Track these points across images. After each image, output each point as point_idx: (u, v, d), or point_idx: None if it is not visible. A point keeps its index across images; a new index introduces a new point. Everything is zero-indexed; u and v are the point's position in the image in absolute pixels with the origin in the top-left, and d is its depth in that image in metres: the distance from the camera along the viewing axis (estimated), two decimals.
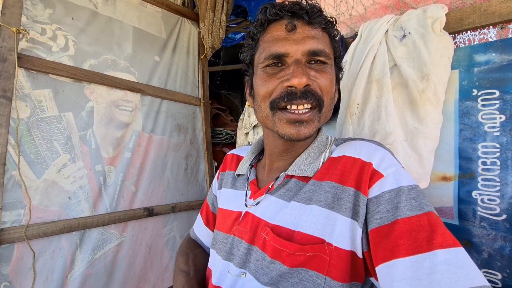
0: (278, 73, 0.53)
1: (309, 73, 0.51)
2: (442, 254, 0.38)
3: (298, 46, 0.51)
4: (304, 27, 0.53)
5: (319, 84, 0.52)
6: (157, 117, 1.51)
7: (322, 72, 0.53)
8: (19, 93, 1.05)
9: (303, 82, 0.49)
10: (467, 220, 0.64)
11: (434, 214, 0.42)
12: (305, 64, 0.52)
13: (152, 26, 1.54)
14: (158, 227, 1.46)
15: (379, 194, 0.45)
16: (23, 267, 1.01)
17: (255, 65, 0.58)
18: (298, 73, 0.49)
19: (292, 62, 0.52)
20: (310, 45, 0.51)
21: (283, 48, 0.52)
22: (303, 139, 0.53)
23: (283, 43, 0.52)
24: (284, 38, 0.52)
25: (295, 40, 0.52)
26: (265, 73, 0.54)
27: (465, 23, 0.68)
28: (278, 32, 0.53)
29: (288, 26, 0.52)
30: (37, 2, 1.13)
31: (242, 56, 0.63)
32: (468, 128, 0.65)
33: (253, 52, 0.59)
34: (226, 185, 0.72)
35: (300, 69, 0.50)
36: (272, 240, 0.51)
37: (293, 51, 0.51)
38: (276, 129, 0.54)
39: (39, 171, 1.08)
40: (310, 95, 0.51)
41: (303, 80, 0.49)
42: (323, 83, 0.52)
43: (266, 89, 0.54)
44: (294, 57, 0.52)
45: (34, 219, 1.05)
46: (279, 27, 0.54)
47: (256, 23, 0.57)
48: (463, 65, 0.66)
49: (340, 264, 0.46)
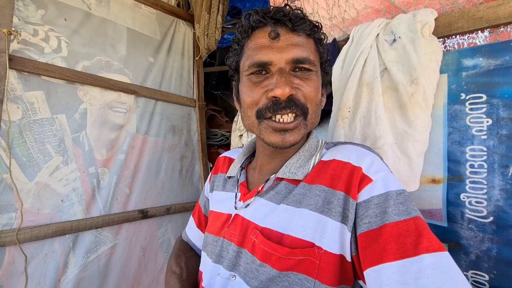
0: (263, 81, 0.53)
1: (293, 82, 0.52)
2: (428, 258, 0.38)
3: (282, 55, 0.51)
4: (288, 35, 0.53)
5: (303, 92, 0.52)
6: (151, 118, 1.51)
7: (307, 79, 0.53)
8: (10, 95, 1.04)
9: (286, 92, 0.49)
10: (456, 222, 0.65)
11: (421, 219, 0.43)
12: (289, 72, 0.52)
13: (146, 27, 1.53)
14: (153, 229, 1.46)
15: (368, 199, 0.46)
16: (15, 271, 1.00)
17: (240, 71, 0.58)
18: (281, 84, 0.49)
19: (276, 70, 0.52)
20: (294, 53, 0.51)
21: (266, 57, 0.52)
22: (288, 146, 0.53)
23: (267, 51, 0.52)
24: (267, 46, 0.52)
25: (278, 48, 0.52)
26: (250, 81, 0.55)
27: (454, 28, 0.69)
28: (261, 39, 0.53)
29: (272, 34, 0.52)
30: (29, 3, 1.12)
31: (228, 62, 0.63)
32: (456, 131, 0.66)
33: (238, 58, 0.59)
34: (217, 187, 0.72)
35: (283, 79, 0.50)
36: (261, 243, 0.51)
37: (277, 60, 0.52)
38: (262, 137, 0.54)
39: (31, 174, 1.07)
40: (293, 105, 0.51)
41: (286, 91, 0.49)
42: (307, 91, 0.52)
43: (252, 98, 0.54)
44: (278, 65, 0.52)
45: (26, 223, 1.04)
46: (262, 34, 0.54)
47: (240, 29, 0.57)
48: (452, 70, 0.67)
49: (330, 267, 0.46)
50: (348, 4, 0.96)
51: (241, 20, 0.57)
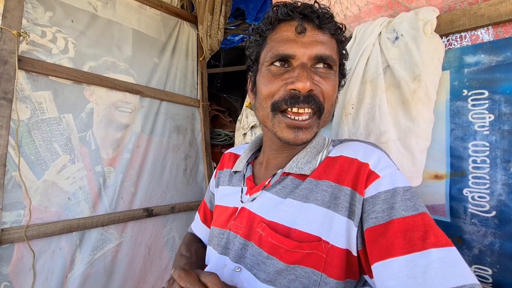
0: (283, 74, 0.53)
1: (314, 78, 0.52)
2: (436, 253, 0.39)
3: (306, 50, 0.52)
4: (314, 31, 0.53)
5: (322, 90, 0.53)
6: (156, 118, 1.53)
7: (326, 78, 0.53)
8: (19, 95, 1.07)
9: (307, 86, 0.50)
10: (459, 217, 0.65)
11: (427, 215, 0.44)
12: (310, 68, 0.53)
13: (151, 29, 1.56)
14: (158, 227, 1.47)
15: (375, 194, 0.47)
16: (23, 267, 1.02)
17: (261, 62, 0.58)
18: (303, 77, 0.50)
19: (298, 65, 0.52)
20: (318, 50, 0.52)
21: (290, 50, 0.52)
22: (300, 144, 0.54)
23: (291, 44, 0.52)
24: (292, 39, 0.53)
25: (303, 43, 0.52)
26: (270, 73, 0.55)
27: (455, 25, 0.70)
28: (287, 32, 0.53)
29: (298, 28, 0.52)
30: (37, 5, 1.15)
31: (248, 52, 0.62)
32: (459, 127, 0.66)
33: (259, 49, 0.59)
34: (223, 182, 0.74)
35: (306, 73, 0.50)
36: (269, 236, 0.52)
37: (300, 54, 0.52)
38: (275, 131, 0.55)
39: (39, 172, 1.09)
40: (312, 100, 0.51)
41: (307, 85, 0.50)
42: (326, 89, 0.53)
43: (270, 89, 0.54)
44: (301, 60, 0.52)
45: (34, 220, 1.06)
46: (289, 27, 0.54)
47: (265, 20, 0.57)
48: (454, 66, 0.68)
49: (336, 261, 0.47)
50: (350, 1, 0.96)
51: (268, 12, 0.57)
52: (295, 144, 0.54)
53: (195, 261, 0.67)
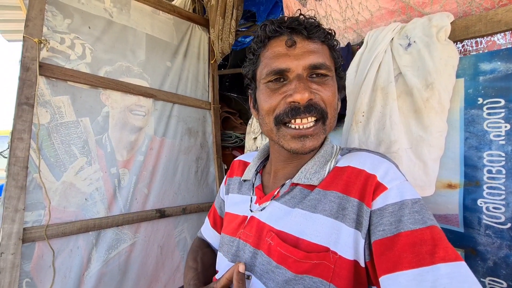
0: (281, 88, 0.55)
1: (311, 87, 0.53)
2: (444, 268, 0.39)
3: (299, 61, 0.53)
4: (304, 42, 0.54)
5: (322, 97, 0.54)
6: (168, 121, 1.56)
7: (324, 84, 0.54)
8: (40, 100, 1.12)
9: (306, 97, 0.51)
10: (472, 228, 0.64)
11: (437, 228, 0.43)
12: (306, 78, 0.54)
13: (164, 33, 1.59)
14: (170, 228, 1.51)
15: (383, 207, 0.47)
16: (44, 264, 1.07)
17: (258, 80, 0.60)
18: (300, 89, 0.51)
19: (294, 77, 0.53)
20: (311, 60, 0.53)
21: (284, 64, 0.54)
22: (308, 152, 0.55)
23: (284, 59, 0.54)
24: (284, 54, 0.54)
25: (295, 55, 0.53)
26: (268, 89, 0.56)
27: (471, 32, 0.68)
28: (278, 48, 0.55)
29: (288, 42, 0.54)
30: (57, 13, 1.20)
31: (244, 71, 0.65)
32: (473, 136, 0.65)
33: (254, 67, 0.61)
34: (233, 190, 0.75)
35: (302, 84, 0.52)
36: (278, 245, 0.53)
37: (294, 66, 0.53)
38: (282, 144, 0.56)
39: (58, 174, 1.14)
40: (313, 109, 0.52)
41: (305, 95, 0.51)
42: (325, 95, 0.54)
43: (270, 105, 0.55)
44: (296, 72, 0.53)
45: (53, 220, 1.10)
46: (279, 43, 0.55)
47: (256, 39, 0.59)
48: (469, 74, 0.67)
49: (344, 272, 0.47)
50: (362, 6, 0.95)
51: (257, 31, 0.59)
52: (303, 153, 0.55)
53: (201, 271, 0.69)
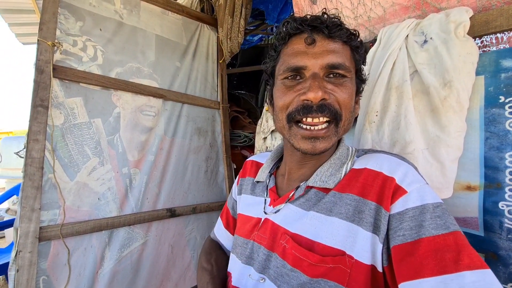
0: (296, 86, 0.54)
1: (326, 87, 0.52)
2: (469, 275, 0.37)
3: (317, 60, 0.52)
4: (324, 41, 0.53)
5: (337, 98, 0.52)
6: (178, 121, 1.57)
7: (341, 86, 0.53)
8: (54, 101, 1.14)
9: (319, 96, 0.50)
10: (493, 231, 0.62)
11: (460, 234, 0.42)
12: (323, 77, 0.53)
13: (173, 33, 1.60)
14: (180, 227, 1.52)
15: (402, 211, 0.45)
16: (59, 262, 1.10)
17: (276, 76, 0.60)
18: (314, 87, 0.50)
19: (310, 75, 0.52)
20: (329, 59, 0.52)
21: (301, 62, 0.53)
22: (318, 153, 0.54)
23: (302, 56, 0.53)
24: (303, 51, 0.53)
25: (313, 53, 0.53)
26: (284, 85, 0.56)
27: (491, 27, 0.65)
28: (297, 45, 0.55)
29: (308, 40, 0.53)
30: (69, 16, 1.22)
31: (265, 67, 0.64)
32: (494, 136, 0.62)
33: (274, 63, 0.61)
34: (246, 191, 0.74)
35: (317, 83, 0.51)
36: (292, 248, 0.52)
37: (311, 65, 0.52)
38: (292, 142, 0.55)
39: (72, 174, 1.17)
40: (326, 109, 0.51)
41: (318, 94, 0.50)
42: (341, 97, 0.53)
43: (284, 101, 0.55)
44: (312, 70, 0.52)
45: (68, 219, 1.13)
46: (299, 40, 0.55)
47: (278, 36, 0.59)
48: (489, 71, 0.64)
49: (360, 277, 0.46)
50: (374, 2, 0.93)
51: (280, 28, 0.58)
52: (313, 154, 0.54)
53: (216, 274, 0.69)
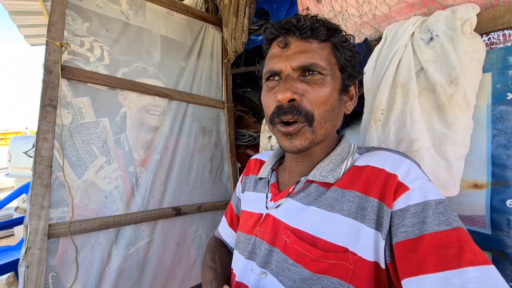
0: (274, 87, 0.56)
1: (298, 87, 0.53)
2: (472, 271, 0.37)
3: (288, 62, 0.54)
4: (297, 43, 0.55)
5: (308, 98, 0.53)
6: (183, 120, 1.58)
7: (315, 84, 0.53)
8: (62, 101, 1.16)
9: (286, 97, 0.51)
10: (501, 230, 0.61)
11: (463, 230, 0.42)
12: (297, 78, 0.54)
13: (178, 34, 1.61)
14: (185, 226, 1.53)
15: (405, 208, 0.45)
16: (67, 259, 1.12)
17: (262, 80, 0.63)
18: (282, 89, 0.52)
19: (283, 77, 0.55)
20: (300, 60, 0.53)
21: (276, 65, 0.55)
22: (297, 151, 0.55)
23: (277, 59, 0.55)
24: (278, 55, 0.56)
25: (287, 56, 0.54)
26: (267, 87, 0.59)
27: (499, 23, 0.65)
28: (275, 49, 0.57)
29: (281, 44, 0.55)
30: (76, 17, 1.24)
31: (256, 71, 0.68)
32: (502, 133, 0.62)
33: (261, 67, 0.64)
34: (249, 188, 0.75)
35: (286, 84, 0.53)
36: (294, 243, 0.53)
37: (284, 67, 0.54)
38: (278, 141, 0.58)
39: (80, 172, 1.18)
40: (295, 110, 0.52)
41: (286, 95, 0.51)
42: (313, 96, 0.53)
43: (265, 103, 0.58)
44: (286, 72, 0.54)
45: (75, 217, 1.15)
46: (275, 44, 0.57)
47: (264, 42, 0.62)
48: (497, 68, 0.63)
49: (364, 274, 0.46)
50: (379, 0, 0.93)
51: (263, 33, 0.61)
52: (293, 152, 0.55)
53: (220, 272, 0.70)
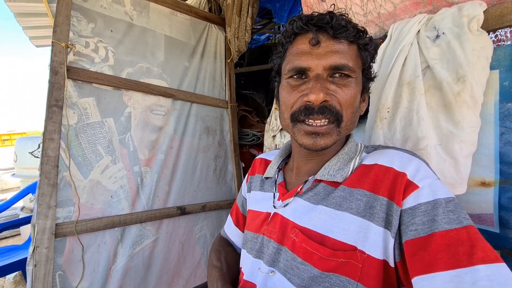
0: (300, 86, 0.55)
1: (329, 88, 0.52)
2: (484, 269, 0.37)
3: (320, 61, 0.52)
4: (329, 41, 0.53)
5: (338, 99, 0.53)
6: (187, 120, 1.59)
7: (344, 86, 0.53)
8: (68, 102, 1.17)
9: (320, 98, 0.51)
10: (509, 228, 0.61)
11: (473, 228, 0.42)
12: (326, 78, 0.53)
13: (182, 34, 1.61)
14: (190, 225, 1.54)
15: (414, 206, 0.45)
16: (74, 258, 1.13)
17: (282, 74, 0.61)
18: (316, 89, 0.51)
19: (313, 76, 0.53)
20: (332, 60, 0.52)
21: (305, 63, 0.53)
22: (319, 149, 0.54)
23: (306, 57, 0.54)
24: (307, 52, 0.54)
25: (317, 54, 0.53)
26: (289, 85, 0.57)
27: (506, 20, 0.64)
28: (302, 45, 0.55)
29: (312, 41, 0.53)
30: (81, 18, 1.25)
31: (272, 63, 0.65)
32: (510, 131, 0.61)
33: (280, 61, 0.61)
34: (255, 188, 0.75)
35: (319, 85, 0.51)
36: (303, 242, 0.53)
37: (315, 66, 0.53)
38: (296, 138, 0.56)
39: (86, 172, 1.19)
40: (327, 111, 0.52)
41: (320, 96, 0.50)
42: (343, 98, 0.53)
43: (288, 101, 0.56)
44: (315, 71, 0.53)
45: (82, 216, 1.16)
46: (304, 40, 0.55)
47: (285, 33, 0.59)
48: (504, 65, 0.63)
49: (372, 272, 0.46)
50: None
51: (286, 26, 0.59)
52: (314, 149, 0.54)
53: (226, 271, 0.70)
